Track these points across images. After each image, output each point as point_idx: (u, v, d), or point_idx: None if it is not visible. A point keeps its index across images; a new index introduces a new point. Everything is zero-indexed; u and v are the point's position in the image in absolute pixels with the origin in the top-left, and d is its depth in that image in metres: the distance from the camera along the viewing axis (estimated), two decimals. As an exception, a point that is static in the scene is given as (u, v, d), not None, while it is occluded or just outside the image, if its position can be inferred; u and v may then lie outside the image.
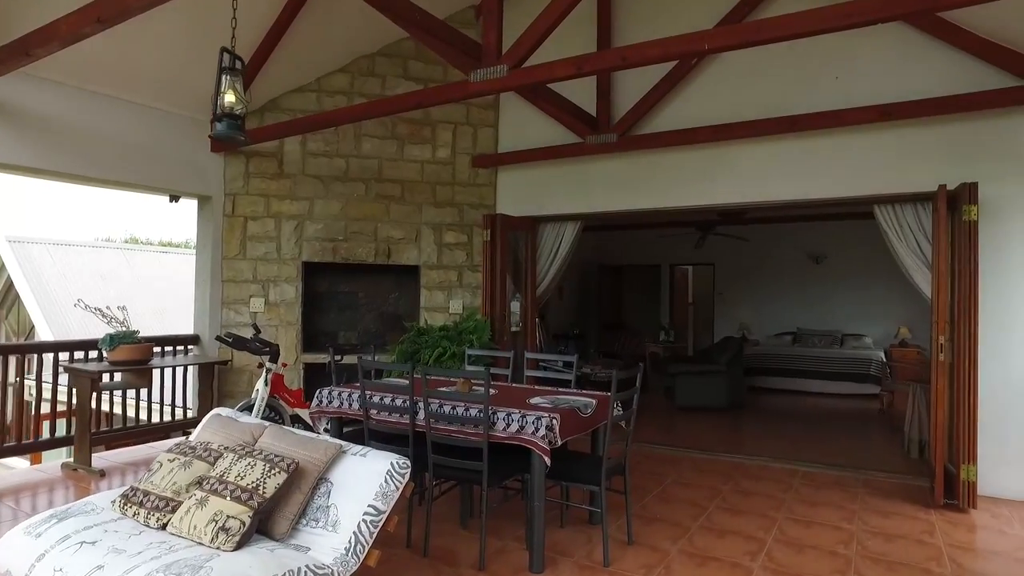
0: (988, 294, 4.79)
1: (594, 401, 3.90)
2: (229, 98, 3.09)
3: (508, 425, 3.43)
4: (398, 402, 3.83)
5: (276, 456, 2.66)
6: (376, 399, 3.90)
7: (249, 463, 2.60)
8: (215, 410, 3.39)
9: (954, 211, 4.66)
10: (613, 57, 4.03)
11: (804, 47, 5.47)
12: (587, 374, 8.24)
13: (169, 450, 2.85)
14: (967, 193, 4.49)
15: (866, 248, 11.37)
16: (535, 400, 3.85)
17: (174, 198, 6.29)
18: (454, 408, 3.60)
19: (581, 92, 6.27)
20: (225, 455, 2.71)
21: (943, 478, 4.57)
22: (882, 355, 9.74)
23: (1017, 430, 4.80)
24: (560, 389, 4.41)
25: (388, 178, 6.80)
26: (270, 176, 6.50)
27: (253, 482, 2.51)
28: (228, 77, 3.10)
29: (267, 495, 2.50)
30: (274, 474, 2.56)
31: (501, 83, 4.40)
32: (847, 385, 9.55)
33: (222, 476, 2.56)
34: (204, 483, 2.57)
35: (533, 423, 3.36)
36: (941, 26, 4.95)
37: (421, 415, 3.65)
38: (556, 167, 6.78)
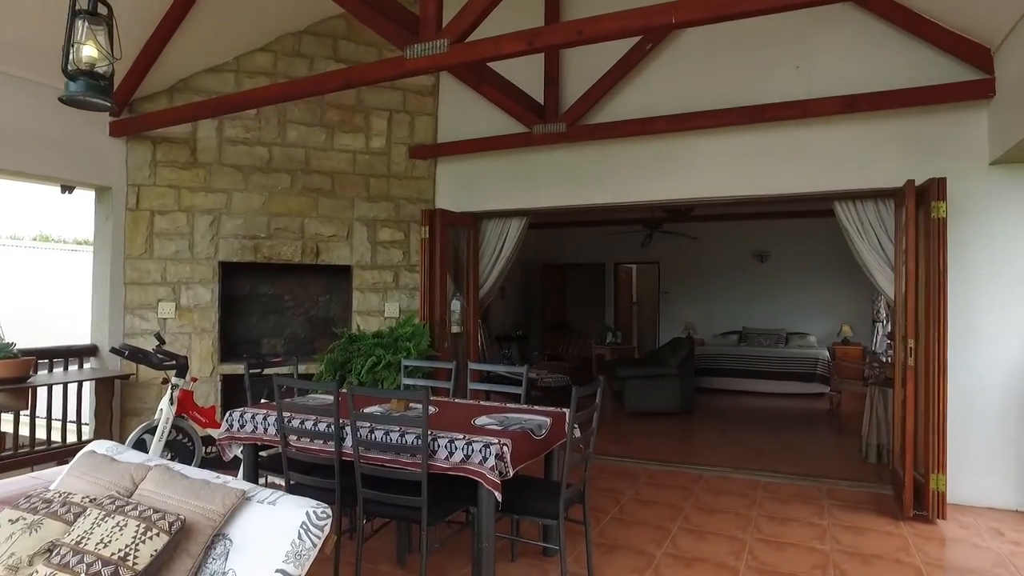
0: (951, 294, 4.58)
1: (548, 420, 3.44)
2: (88, 51, 2.44)
3: (451, 453, 2.93)
4: (322, 426, 3.27)
5: (156, 511, 2.08)
6: (296, 423, 3.34)
7: (118, 523, 2.02)
8: (91, 445, 2.77)
9: (920, 208, 4.42)
10: (568, 31, 3.58)
11: (764, 35, 5.19)
12: (532, 379, 7.81)
13: (15, 505, 2.22)
14: (935, 188, 4.25)
15: (808, 246, 11.38)
16: (482, 421, 3.36)
17: (66, 188, 5.49)
18: (387, 434, 3.07)
19: (528, 78, 5.82)
20: (89, 511, 2.12)
21: (912, 488, 4.33)
22: (827, 354, 9.69)
23: (977, 434, 4.61)
24: (509, 405, 3.94)
25: (316, 169, 6.18)
26: (181, 165, 5.78)
27: (121, 550, 1.93)
28: (85, 24, 2.45)
29: (139, 567, 1.92)
30: (150, 537, 1.98)
31: (441, 60, 3.89)
32: (794, 385, 9.44)
33: (79, 543, 1.97)
34: (54, 554, 1.97)
35: (480, 451, 2.87)
36: (901, 14, 4.73)
37: (349, 441, 3.11)
38: (500, 159, 6.31)
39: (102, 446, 2.76)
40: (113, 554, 1.92)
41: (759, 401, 9.19)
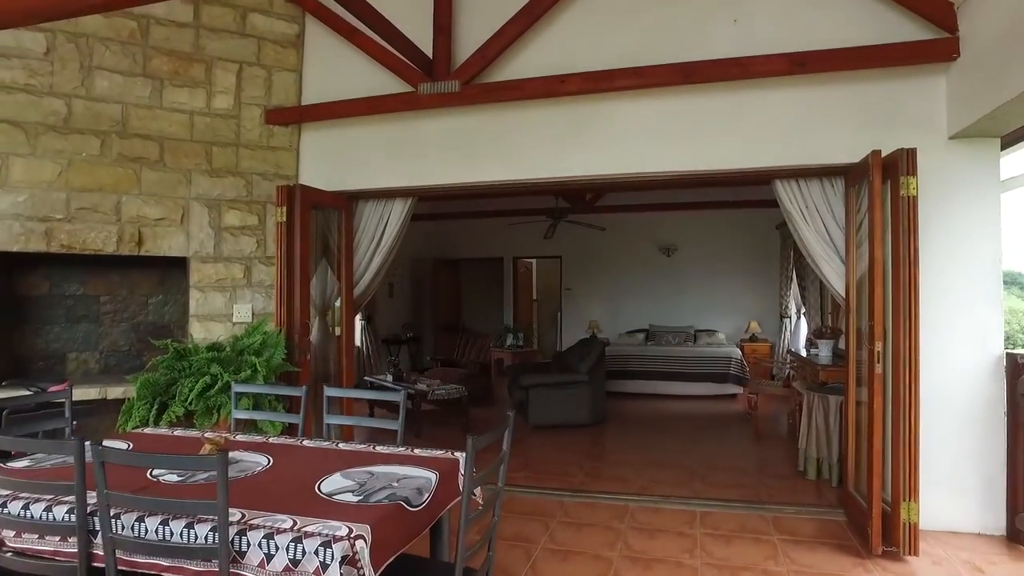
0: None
1: (433, 476, 2.36)
2: None
3: (270, 556, 1.78)
4: (58, 513, 2.01)
5: None
6: (15, 507, 2.06)
7: None
8: None
9: (885, 184, 3.69)
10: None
11: (696, -22, 4.34)
12: (422, 392, 6.68)
13: None
14: (905, 161, 3.52)
15: (716, 239, 10.94)
16: (332, 484, 2.23)
17: None
18: (166, 524, 1.87)
19: (414, 26, 4.70)
20: None
21: (880, 520, 3.59)
22: (740, 352, 9.18)
23: (936, 448, 3.93)
24: (379, 451, 2.81)
25: (138, 133, 4.75)
26: (-71, 119, 4.21)
27: None
28: None
29: None
30: None
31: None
32: (708, 386, 8.86)
33: None
34: None
35: (318, 552, 1.74)
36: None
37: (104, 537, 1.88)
38: (380, 126, 5.14)
39: None
40: None
41: (672, 405, 8.51)
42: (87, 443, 1.86)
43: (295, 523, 1.82)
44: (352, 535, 1.75)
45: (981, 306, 3.98)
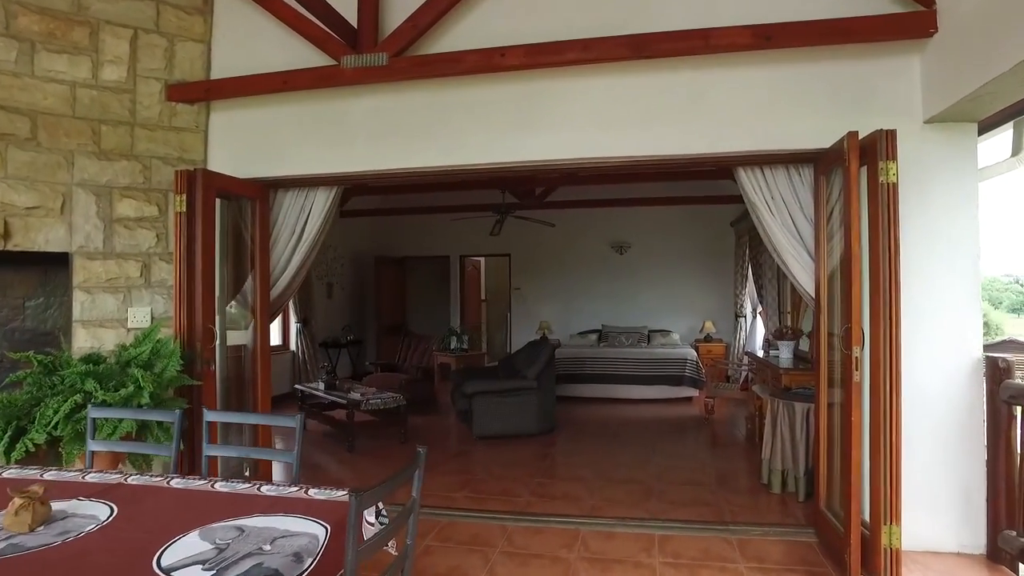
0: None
1: (323, 531, 1.81)
2: None
3: None
4: None
5: None
6: None
7: None
8: None
9: (861, 169, 3.31)
10: None
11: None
12: (355, 401, 6.09)
13: None
14: (885, 144, 3.13)
15: (669, 236, 10.63)
16: (181, 551, 1.66)
17: None
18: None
19: (336, -10, 4.13)
20: None
21: (859, 546, 3.19)
22: (695, 354, 8.84)
23: (911, 460, 3.56)
24: (264, 490, 2.24)
25: (2, 104, 4.03)
26: None
27: None
28: None
29: None
30: None
31: None
32: (662, 389, 8.49)
33: None
34: None
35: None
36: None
37: None
38: (300, 105, 4.55)
39: None
40: None
41: (626, 409, 8.11)
42: None
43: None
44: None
45: (959, 304, 3.64)
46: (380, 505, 1.97)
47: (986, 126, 3.83)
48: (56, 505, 1.90)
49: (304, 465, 2.80)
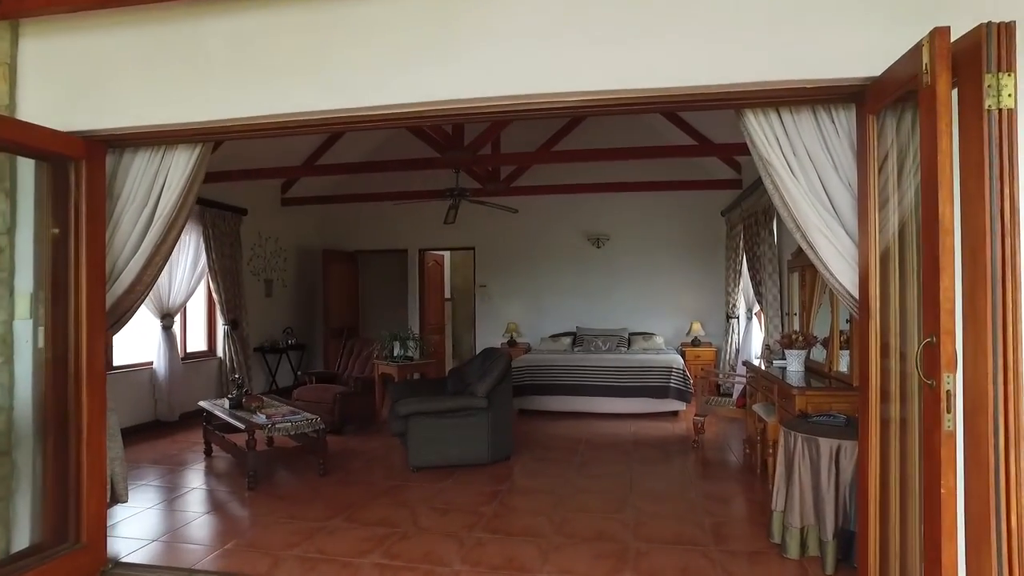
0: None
1: None
2: None
3: None
4: None
5: None
6: None
7: None
8: None
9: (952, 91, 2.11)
10: None
11: None
12: (257, 424, 4.83)
13: None
14: (997, 45, 1.95)
15: (652, 226, 9.45)
16: None
17: None
18: None
19: None
20: None
21: None
22: (681, 360, 7.67)
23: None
24: None
25: None
26: None
27: None
28: None
29: None
30: None
31: None
32: (644, 402, 7.30)
33: None
34: None
35: None
36: None
37: None
38: (140, 29, 3.28)
39: None
40: None
41: (602, 427, 6.91)
42: None
43: None
44: None
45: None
46: None
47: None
48: None
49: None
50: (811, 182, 2.74)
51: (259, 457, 4.91)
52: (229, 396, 5.77)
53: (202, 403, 5.91)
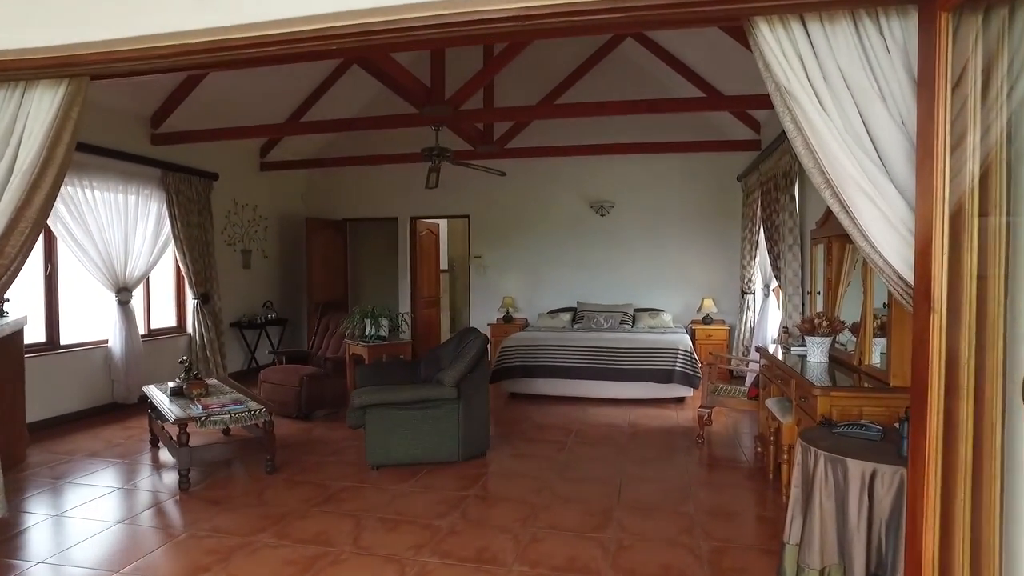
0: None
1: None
2: None
3: None
4: None
5: None
6: None
7: None
8: None
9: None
10: None
11: None
12: (189, 418, 4.19)
13: None
14: None
15: (660, 193, 8.63)
16: None
17: None
18: None
19: None
20: None
21: None
22: (689, 341, 6.93)
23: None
24: None
25: None
26: None
27: None
28: None
29: None
30: None
31: None
32: (647, 387, 6.58)
33: None
34: None
35: None
36: None
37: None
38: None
39: None
40: None
41: (596, 415, 6.22)
42: None
43: None
44: None
45: None
46: None
47: None
48: None
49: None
50: (848, 119, 1.97)
51: (194, 453, 4.29)
52: (178, 378, 5.16)
53: (147, 388, 5.30)
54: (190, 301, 7.59)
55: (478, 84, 6.02)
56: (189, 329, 7.66)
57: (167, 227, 7.12)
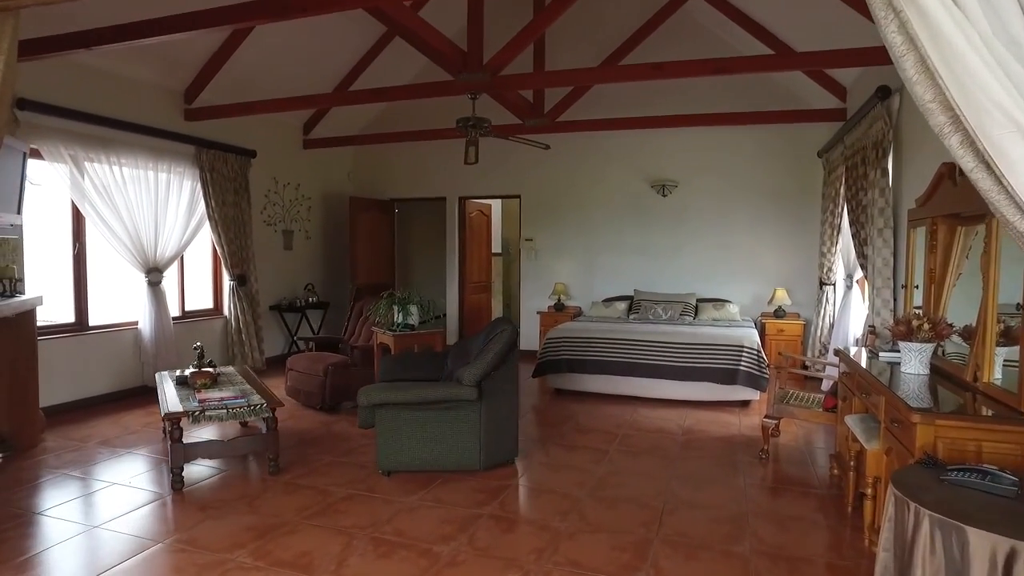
0: None
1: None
2: None
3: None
4: None
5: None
6: None
7: None
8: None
9: None
10: None
11: None
12: (182, 413, 3.80)
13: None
14: None
15: (728, 171, 7.79)
16: None
17: None
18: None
19: None
20: None
21: None
22: (757, 337, 6.14)
23: None
24: None
25: None
26: None
27: None
28: None
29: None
30: None
31: None
32: (707, 388, 5.85)
33: None
34: None
35: None
36: None
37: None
38: None
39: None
40: None
41: (647, 418, 5.53)
42: None
43: None
44: None
45: None
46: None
47: None
48: None
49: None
50: (999, 15, 1.25)
51: (189, 450, 3.91)
52: (192, 366, 4.84)
53: (159, 374, 4.99)
54: (226, 283, 7.34)
55: (520, 45, 5.39)
56: (225, 312, 7.42)
57: (201, 206, 6.85)
